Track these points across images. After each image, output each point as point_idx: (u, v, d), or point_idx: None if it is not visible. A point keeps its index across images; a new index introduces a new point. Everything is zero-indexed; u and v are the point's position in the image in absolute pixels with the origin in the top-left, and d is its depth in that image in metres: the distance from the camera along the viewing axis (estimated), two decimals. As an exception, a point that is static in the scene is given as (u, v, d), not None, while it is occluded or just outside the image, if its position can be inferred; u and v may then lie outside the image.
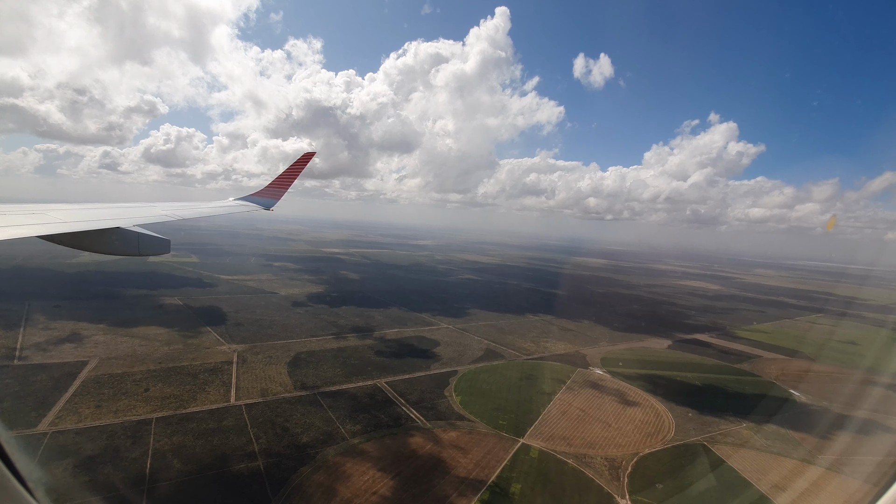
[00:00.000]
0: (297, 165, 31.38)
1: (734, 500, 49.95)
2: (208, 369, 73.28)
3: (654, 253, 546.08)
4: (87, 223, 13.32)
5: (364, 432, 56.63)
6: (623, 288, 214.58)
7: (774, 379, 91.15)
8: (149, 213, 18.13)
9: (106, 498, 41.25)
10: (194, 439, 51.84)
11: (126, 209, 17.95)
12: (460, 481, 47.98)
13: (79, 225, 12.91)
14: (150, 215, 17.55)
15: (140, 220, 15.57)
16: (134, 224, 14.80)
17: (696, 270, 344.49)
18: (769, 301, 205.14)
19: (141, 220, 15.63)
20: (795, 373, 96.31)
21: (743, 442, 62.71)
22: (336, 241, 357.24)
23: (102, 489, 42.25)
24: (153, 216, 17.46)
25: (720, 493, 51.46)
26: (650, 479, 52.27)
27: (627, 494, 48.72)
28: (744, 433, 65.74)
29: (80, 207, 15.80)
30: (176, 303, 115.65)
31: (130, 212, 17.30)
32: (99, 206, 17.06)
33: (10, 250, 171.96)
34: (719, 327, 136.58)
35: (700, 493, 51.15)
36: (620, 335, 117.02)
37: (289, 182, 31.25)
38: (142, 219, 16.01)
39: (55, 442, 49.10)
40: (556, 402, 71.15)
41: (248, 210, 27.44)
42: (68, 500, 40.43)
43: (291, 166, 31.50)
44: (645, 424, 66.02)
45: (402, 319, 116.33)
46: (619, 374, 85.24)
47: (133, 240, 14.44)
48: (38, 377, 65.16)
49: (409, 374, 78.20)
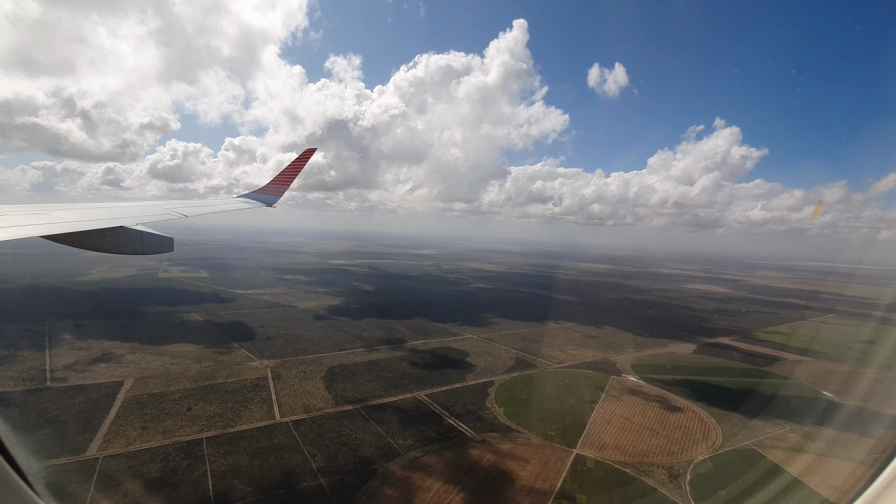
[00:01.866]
0: (298, 162, 31.02)
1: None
2: (245, 386, 72.33)
3: (655, 257, 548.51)
4: (91, 222, 13.07)
5: (418, 446, 55.90)
6: (634, 293, 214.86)
7: (805, 381, 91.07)
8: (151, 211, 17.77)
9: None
10: (250, 459, 50.93)
11: (128, 208, 17.69)
12: (527, 492, 47.41)
13: (82, 224, 12.65)
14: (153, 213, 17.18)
15: (143, 219, 15.23)
16: (137, 223, 14.52)
17: (700, 274, 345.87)
18: (779, 303, 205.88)
19: (144, 219, 15.29)
20: (824, 374, 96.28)
21: (793, 445, 62.39)
22: (340, 253, 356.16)
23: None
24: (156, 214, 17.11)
25: (785, 499, 50.99)
26: (711, 485, 51.85)
27: (693, 502, 48.23)
28: (790, 436, 65.40)
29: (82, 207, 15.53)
30: (197, 319, 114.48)
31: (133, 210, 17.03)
32: (101, 206, 16.76)
33: (19, 269, 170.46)
34: (739, 330, 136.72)
35: (767, 500, 50.66)
36: (644, 341, 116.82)
37: (290, 179, 30.71)
38: (144, 217, 15.68)
39: (108, 467, 48.05)
40: (599, 410, 70.66)
41: (251, 206, 26.86)
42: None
43: (293, 163, 31.14)
44: (691, 431, 65.61)
45: (426, 330, 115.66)
46: (654, 381, 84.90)
47: (136, 238, 14.11)
48: (76, 399, 64.04)
49: (446, 385, 77.50)
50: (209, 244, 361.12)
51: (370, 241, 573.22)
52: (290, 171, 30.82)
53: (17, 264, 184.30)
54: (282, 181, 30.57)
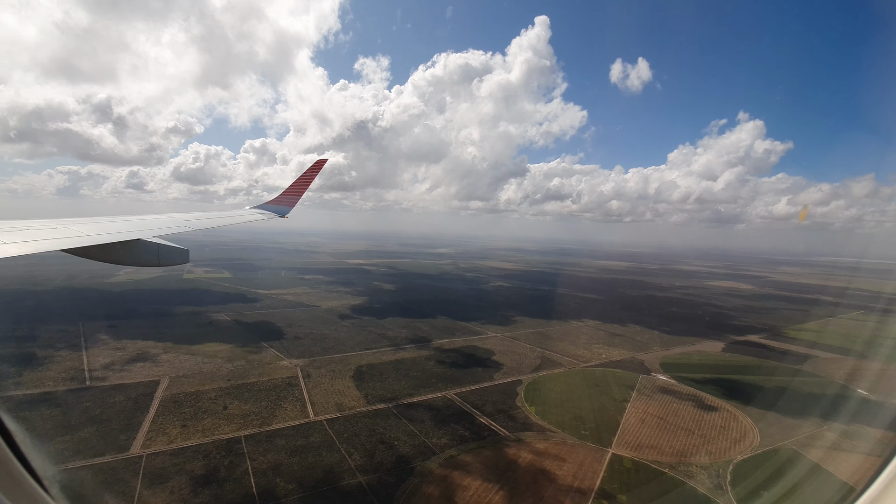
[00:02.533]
0: (310, 173, 31.35)
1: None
2: (277, 385, 73.34)
3: (674, 254, 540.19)
4: (109, 236, 13.55)
5: (453, 444, 56.05)
6: (656, 290, 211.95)
7: (839, 378, 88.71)
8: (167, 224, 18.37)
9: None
10: (289, 457, 51.65)
11: (144, 221, 18.26)
12: (567, 490, 47.21)
13: (101, 238, 13.09)
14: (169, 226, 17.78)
15: (159, 232, 15.76)
16: (153, 235, 14.99)
17: (722, 270, 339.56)
18: (806, 299, 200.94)
19: (160, 231, 15.82)
20: (858, 371, 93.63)
21: (833, 445, 60.82)
22: (357, 253, 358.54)
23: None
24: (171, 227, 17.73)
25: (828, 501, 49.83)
26: (752, 486, 50.88)
27: (735, 503, 47.41)
28: (828, 435, 63.83)
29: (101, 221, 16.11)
30: (225, 319, 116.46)
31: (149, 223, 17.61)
32: (119, 220, 17.41)
33: (49, 272, 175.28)
34: (767, 328, 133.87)
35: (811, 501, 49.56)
36: (671, 339, 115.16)
37: (302, 189, 31.08)
38: (160, 230, 16.27)
39: (153, 465, 49.18)
40: (631, 410, 69.90)
41: (264, 218, 27.37)
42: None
43: (305, 174, 31.47)
44: (727, 430, 64.49)
45: (449, 329, 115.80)
46: (685, 380, 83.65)
47: (153, 251, 14.52)
48: (116, 398, 65.68)
49: (474, 384, 77.47)
50: (229, 245, 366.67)
51: (386, 240, 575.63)
52: (302, 182, 31.23)
53: (47, 267, 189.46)
54: (294, 192, 30.99)
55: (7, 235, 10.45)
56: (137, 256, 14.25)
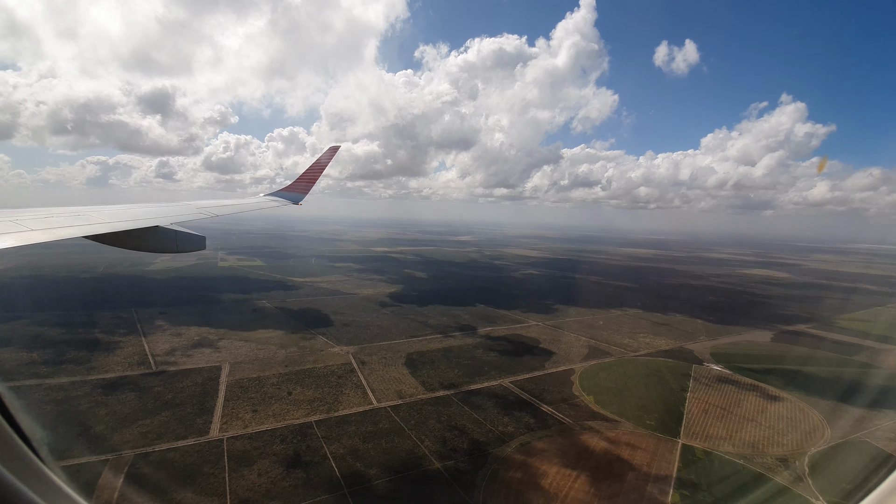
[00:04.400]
0: (323, 160, 31.10)
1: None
2: (333, 371, 74.45)
3: (700, 241, 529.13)
4: (128, 223, 13.76)
5: (521, 432, 56.27)
6: (691, 278, 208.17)
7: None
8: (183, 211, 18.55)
9: (318, 502, 42.14)
10: (363, 442, 52.48)
11: (162, 208, 18.55)
12: (645, 477, 47.08)
13: (120, 225, 13.29)
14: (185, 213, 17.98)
15: (176, 219, 15.98)
16: (171, 222, 15.24)
17: (753, 258, 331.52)
18: (847, 288, 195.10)
19: (177, 219, 16.04)
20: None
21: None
22: (380, 240, 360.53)
23: (309, 493, 43.18)
24: (188, 214, 17.94)
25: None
26: (832, 479, 49.82)
27: (820, 496, 46.51)
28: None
29: (120, 209, 16.31)
30: (267, 306, 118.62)
31: (167, 210, 17.87)
32: (137, 207, 17.69)
33: (89, 259, 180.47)
34: (814, 317, 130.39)
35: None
36: (717, 329, 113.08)
37: (316, 176, 30.80)
38: (178, 217, 16.49)
39: (235, 448, 50.49)
40: (692, 400, 69.00)
41: (278, 205, 27.38)
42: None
43: (318, 160, 31.18)
44: (795, 421, 63.22)
45: (490, 318, 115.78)
46: (741, 370, 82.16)
47: (171, 237, 14.87)
48: (183, 383, 67.56)
49: (527, 373, 77.40)
50: (255, 233, 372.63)
51: (406, 228, 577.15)
52: (316, 169, 30.95)
53: (87, 255, 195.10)
54: (308, 179, 30.70)
55: (33, 223, 10.65)
56: (156, 243, 14.58)
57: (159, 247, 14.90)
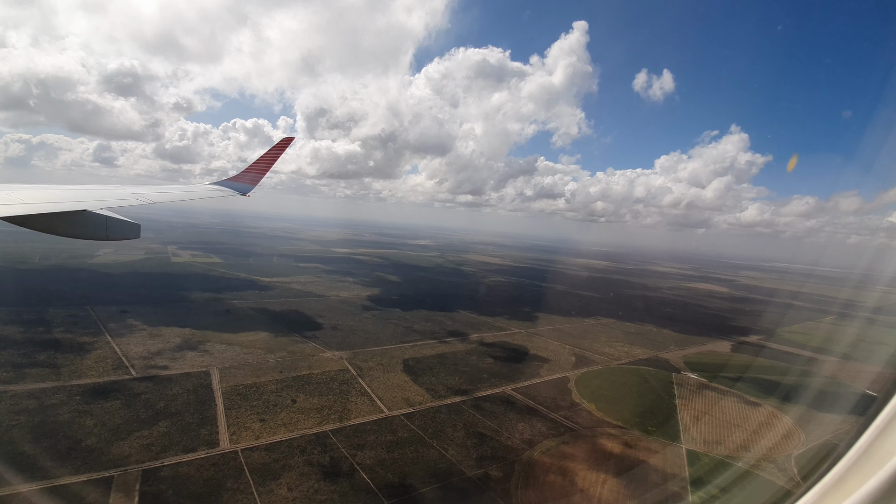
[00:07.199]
0: (275, 151, 30.35)
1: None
2: (333, 378, 72.01)
3: (643, 255, 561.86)
4: (51, 205, 12.82)
5: (539, 439, 57.30)
6: (645, 290, 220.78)
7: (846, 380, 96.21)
8: (116, 195, 17.14)
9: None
10: (388, 452, 51.20)
11: (91, 192, 17.01)
12: (665, 477, 49.59)
13: (42, 206, 12.39)
14: (118, 198, 16.61)
15: (107, 203, 14.91)
16: (101, 207, 14.27)
17: (693, 273, 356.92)
18: (780, 303, 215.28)
19: (108, 203, 14.97)
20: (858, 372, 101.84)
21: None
22: (338, 241, 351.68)
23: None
24: (121, 199, 16.53)
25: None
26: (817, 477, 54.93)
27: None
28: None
29: (45, 189, 15.15)
30: (243, 307, 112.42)
31: (97, 194, 16.52)
32: (65, 188, 16.37)
33: (20, 249, 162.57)
34: (761, 330, 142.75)
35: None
36: (683, 339, 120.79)
37: (267, 167, 29.94)
38: (109, 202, 15.35)
39: (253, 460, 47.59)
40: (682, 407, 73.34)
41: (224, 195, 25.92)
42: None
43: (269, 151, 30.48)
44: (772, 426, 69.07)
45: (474, 324, 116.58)
46: (716, 378, 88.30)
47: (101, 224, 13.93)
48: (173, 390, 62.69)
49: (526, 381, 78.83)
50: (203, 227, 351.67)
51: (361, 229, 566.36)
52: (267, 160, 30.07)
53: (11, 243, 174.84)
54: (257, 170, 29.75)
55: None
56: (83, 228, 13.59)
57: (87, 233, 13.64)
